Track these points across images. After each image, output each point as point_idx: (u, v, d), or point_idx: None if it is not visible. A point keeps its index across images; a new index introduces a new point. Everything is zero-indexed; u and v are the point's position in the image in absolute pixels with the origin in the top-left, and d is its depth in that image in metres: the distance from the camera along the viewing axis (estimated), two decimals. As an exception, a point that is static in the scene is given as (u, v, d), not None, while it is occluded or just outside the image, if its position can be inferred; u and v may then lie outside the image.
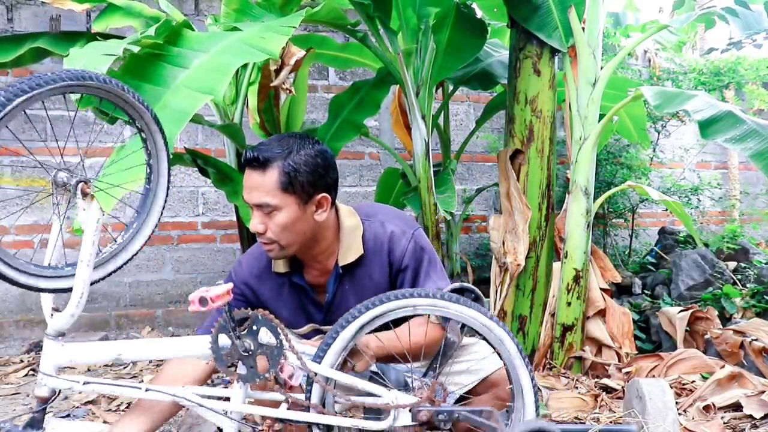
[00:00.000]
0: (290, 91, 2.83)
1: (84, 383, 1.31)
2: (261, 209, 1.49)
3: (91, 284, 1.36)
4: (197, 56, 2.01)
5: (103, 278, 1.42)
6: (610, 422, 2.26)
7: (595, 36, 2.91)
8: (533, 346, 3.08)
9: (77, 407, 2.60)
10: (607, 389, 2.67)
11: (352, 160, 4.54)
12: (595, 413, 2.40)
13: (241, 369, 1.29)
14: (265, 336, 1.28)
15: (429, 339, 1.49)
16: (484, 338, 1.39)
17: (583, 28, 2.91)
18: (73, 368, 3.28)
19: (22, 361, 3.42)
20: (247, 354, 1.27)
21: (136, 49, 1.95)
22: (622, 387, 2.61)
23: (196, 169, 3.05)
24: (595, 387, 2.70)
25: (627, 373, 2.77)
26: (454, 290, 1.44)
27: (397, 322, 1.42)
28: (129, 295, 4.03)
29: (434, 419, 1.31)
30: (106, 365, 3.34)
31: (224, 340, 1.28)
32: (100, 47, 1.90)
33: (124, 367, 3.28)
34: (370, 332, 1.37)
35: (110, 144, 3.81)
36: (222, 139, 3.24)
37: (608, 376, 2.80)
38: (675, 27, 3.53)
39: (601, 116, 2.96)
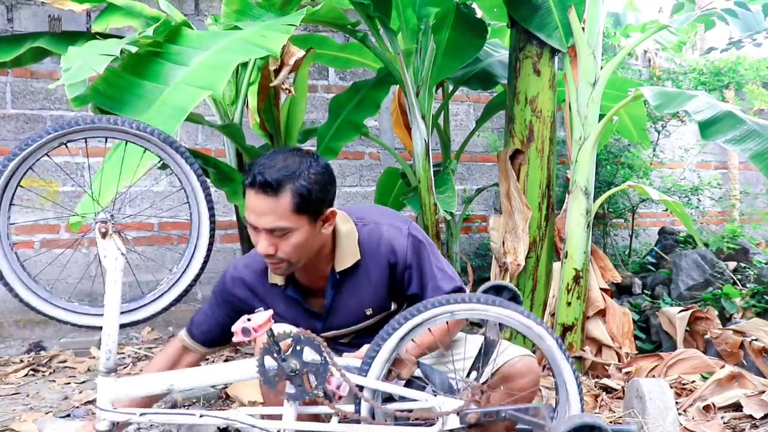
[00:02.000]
0: (290, 91, 2.83)
1: (141, 414, 1.37)
2: (272, 232, 1.46)
3: (146, 320, 1.53)
4: (197, 54, 2.01)
5: (156, 314, 1.56)
6: (610, 422, 2.25)
7: (595, 36, 2.91)
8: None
9: (77, 407, 2.60)
10: (607, 389, 2.67)
11: (352, 160, 4.53)
12: (595, 413, 2.40)
13: (290, 388, 1.32)
14: (309, 354, 1.31)
15: (454, 326, 1.54)
16: (524, 335, 1.40)
17: (583, 28, 2.91)
18: (74, 369, 3.29)
19: (22, 361, 3.42)
20: (293, 374, 1.30)
21: (134, 49, 1.95)
22: (622, 387, 2.61)
23: (196, 169, 3.05)
24: (595, 387, 2.69)
25: (627, 373, 2.77)
26: (491, 287, 1.44)
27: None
28: (129, 295, 4.01)
29: (482, 420, 1.33)
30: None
31: (270, 361, 1.31)
32: (98, 47, 1.90)
33: (125, 368, 3.28)
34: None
35: (110, 144, 3.80)
36: (222, 139, 3.24)
37: (608, 376, 2.79)
38: (675, 27, 3.53)
39: (601, 116, 2.95)
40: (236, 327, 1.27)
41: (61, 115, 3.83)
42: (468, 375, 1.47)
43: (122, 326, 1.44)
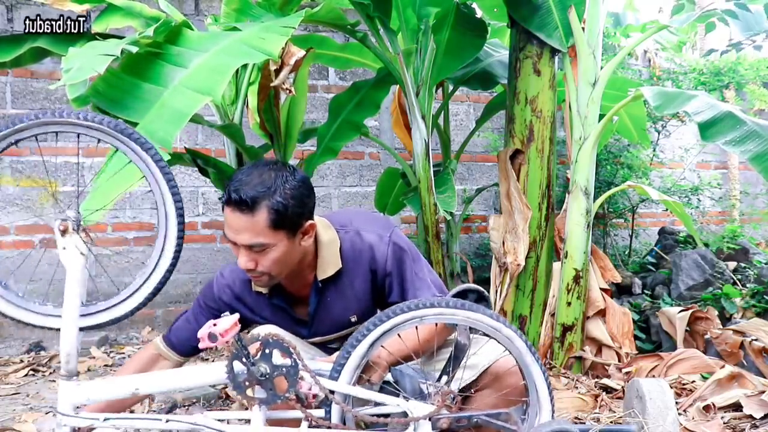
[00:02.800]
0: (290, 91, 2.82)
1: (104, 419, 1.33)
2: (251, 248, 1.46)
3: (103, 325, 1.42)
4: (196, 56, 2.00)
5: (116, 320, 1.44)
6: (610, 422, 2.25)
7: (595, 36, 2.91)
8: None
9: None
10: (607, 389, 2.67)
11: (352, 160, 4.53)
12: (595, 413, 2.40)
13: (260, 393, 1.29)
14: (279, 358, 1.29)
15: (432, 335, 1.50)
16: (493, 338, 1.39)
17: (583, 28, 2.91)
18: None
19: (22, 361, 3.42)
20: (263, 378, 1.28)
21: (134, 49, 1.94)
22: (622, 387, 2.61)
23: (196, 169, 3.05)
24: (595, 387, 2.69)
25: (627, 373, 2.77)
26: (459, 292, 1.44)
27: None
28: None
29: (453, 425, 1.33)
30: (105, 365, 3.35)
31: (239, 366, 1.29)
32: (98, 47, 1.89)
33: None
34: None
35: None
36: (222, 139, 3.24)
37: (608, 376, 2.79)
38: (675, 27, 3.54)
39: (601, 116, 2.95)
40: (202, 333, 1.25)
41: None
42: (439, 379, 1.46)
43: (82, 329, 1.38)
